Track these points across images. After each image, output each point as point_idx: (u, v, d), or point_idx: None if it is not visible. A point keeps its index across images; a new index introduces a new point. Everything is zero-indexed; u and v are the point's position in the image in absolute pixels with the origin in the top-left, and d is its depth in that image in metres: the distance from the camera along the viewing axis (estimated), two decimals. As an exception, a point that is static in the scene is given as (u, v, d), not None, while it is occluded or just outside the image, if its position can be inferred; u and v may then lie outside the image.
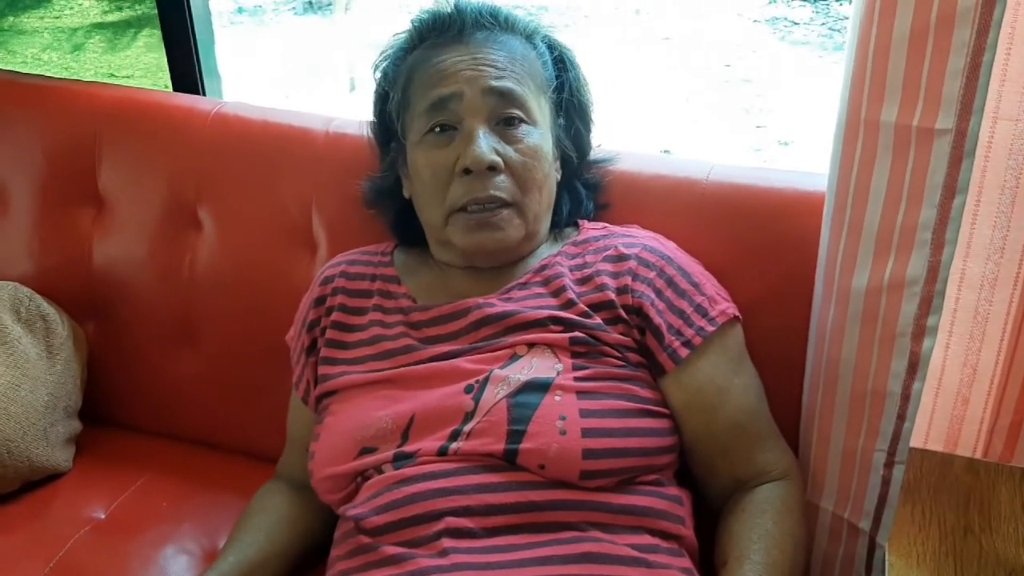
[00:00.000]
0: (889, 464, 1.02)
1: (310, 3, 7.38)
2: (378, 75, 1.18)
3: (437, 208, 1.09)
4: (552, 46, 1.16)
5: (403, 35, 1.16)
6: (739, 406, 1.07)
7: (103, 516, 1.27)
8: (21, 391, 1.29)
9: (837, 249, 1.00)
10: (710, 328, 1.05)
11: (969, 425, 1.14)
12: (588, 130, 1.19)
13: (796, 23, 7.18)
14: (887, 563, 1.02)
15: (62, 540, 1.22)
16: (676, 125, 4.76)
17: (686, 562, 0.98)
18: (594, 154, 1.21)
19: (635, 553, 0.94)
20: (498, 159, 1.05)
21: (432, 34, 1.12)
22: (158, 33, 2.47)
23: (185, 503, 1.29)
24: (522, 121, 1.08)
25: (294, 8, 7.09)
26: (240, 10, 6.09)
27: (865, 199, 0.96)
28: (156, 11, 1.50)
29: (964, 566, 0.98)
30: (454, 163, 1.06)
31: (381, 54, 1.18)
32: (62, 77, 1.55)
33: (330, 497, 1.07)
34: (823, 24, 7.12)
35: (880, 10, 0.89)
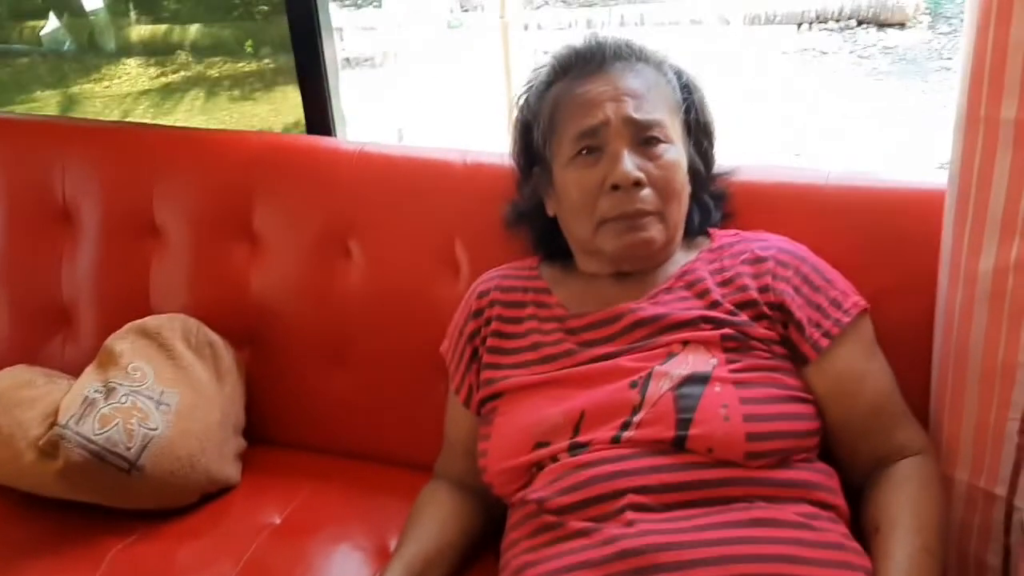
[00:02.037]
0: (1023, 431, 1.11)
1: (347, 60, 7.61)
2: (521, 106, 1.31)
3: (586, 221, 1.20)
4: (678, 73, 1.28)
5: (545, 69, 1.28)
6: (876, 389, 1.17)
7: (278, 521, 1.38)
8: (199, 411, 1.42)
9: (962, 235, 1.10)
10: (846, 319, 1.16)
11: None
12: (712, 145, 1.31)
13: (825, 52, 7.29)
14: (1027, 524, 1.11)
15: (246, 542, 1.33)
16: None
17: (843, 528, 1.07)
18: (717, 167, 1.33)
19: (801, 519, 1.03)
20: (642, 175, 1.17)
21: (575, 67, 1.24)
22: (203, 95, 2.61)
23: (351, 508, 1.40)
24: (660, 140, 1.20)
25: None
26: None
27: (988, 188, 1.06)
28: (199, 72, 1.63)
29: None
30: (601, 181, 1.18)
31: (524, 87, 1.31)
32: (214, 128, 1.69)
33: (506, 489, 1.17)
34: (851, 52, 7.23)
35: (996, 17, 1.00)
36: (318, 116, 1.66)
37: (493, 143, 1.38)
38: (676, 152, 1.21)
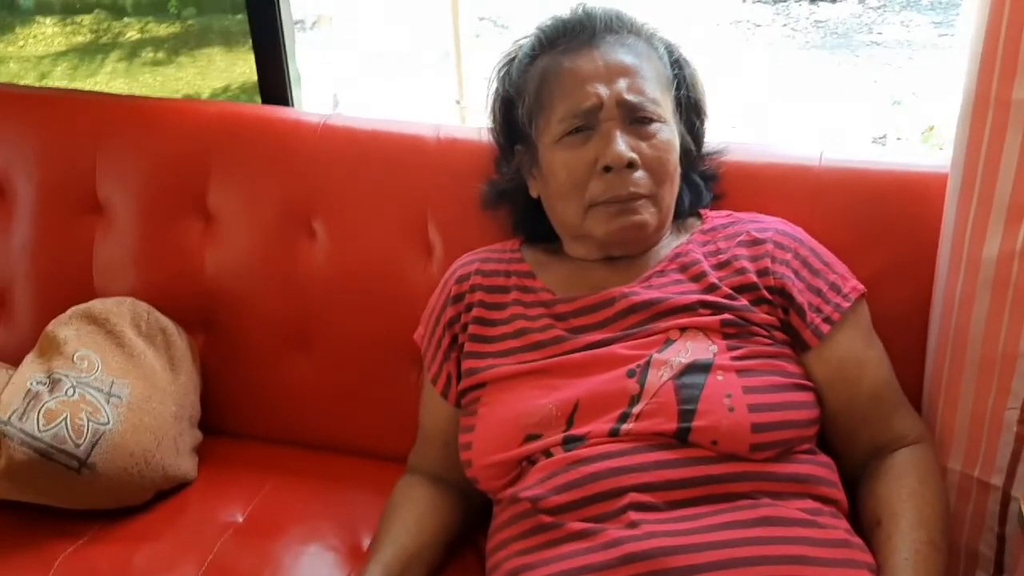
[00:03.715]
0: (1023, 421, 1.09)
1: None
2: (502, 79, 1.23)
3: (575, 204, 1.14)
4: (669, 48, 1.22)
5: (528, 40, 1.21)
6: (876, 376, 1.13)
7: (241, 519, 1.30)
8: (152, 403, 1.32)
9: (966, 220, 1.07)
10: (846, 304, 1.12)
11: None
12: (703, 123, 1.25)
13: (759, 25, 7.33)
14: (1024, 514, 1.09)
15: (208, 543, 1.24)
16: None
17: (845, 524, 1.04)
18: (707, 146, 1.28)
19: (807, 516, 1.00)
20: (635, 156, 1.11)
21: (563, 39, 1.17)
22: (125, 57, 2.48)
23: (319, 503, 1.32)
24: (653, 120, 1.14)
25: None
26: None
27: (995, 172, 1.02)
28: (120, 36, 1.53)
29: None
30: (592, 161, 1.12)
31: (504, 59, 1.23)
32: (166, 97, 1.58)
33: (492, 484, 1.11)
34: (784, 25, 7.28)
35: (1012, -3, 0.97)
36: (274, 80, 1.56)
37: (439, 115, 1.30)
38: (669, 131, 1.15)
